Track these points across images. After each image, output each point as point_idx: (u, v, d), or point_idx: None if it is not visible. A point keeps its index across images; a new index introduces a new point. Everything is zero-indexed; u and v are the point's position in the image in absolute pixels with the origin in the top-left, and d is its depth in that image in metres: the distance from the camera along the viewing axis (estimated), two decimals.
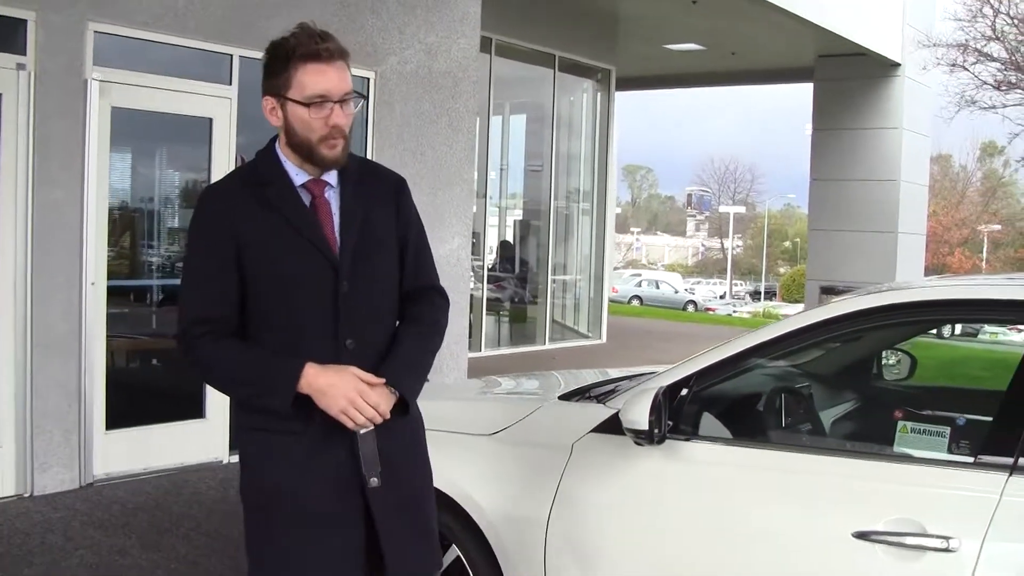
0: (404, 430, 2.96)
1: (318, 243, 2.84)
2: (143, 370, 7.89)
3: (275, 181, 2.88)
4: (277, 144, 2.93)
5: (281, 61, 2.83)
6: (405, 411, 2.90)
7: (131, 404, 7.34)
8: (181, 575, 5.43)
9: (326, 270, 2.83)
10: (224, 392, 3.02)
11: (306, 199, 2.89)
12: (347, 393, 2.74)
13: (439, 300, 3.11)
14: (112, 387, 7.08)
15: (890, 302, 3.54)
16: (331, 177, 2.93)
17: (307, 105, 2.80)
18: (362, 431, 2.80)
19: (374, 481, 2.82)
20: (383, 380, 2.81)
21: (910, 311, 3.60)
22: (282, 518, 2.87)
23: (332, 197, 2.93)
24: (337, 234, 2.88)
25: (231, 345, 2.85)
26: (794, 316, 3.75)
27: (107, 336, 7.05)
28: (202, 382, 7.45)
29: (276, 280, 2.83)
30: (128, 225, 7.59)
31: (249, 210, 2.84)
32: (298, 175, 2.90)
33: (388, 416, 2.81)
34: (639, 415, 3.39)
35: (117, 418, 7.11)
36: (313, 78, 2.80)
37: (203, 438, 7.59)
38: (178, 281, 7.91)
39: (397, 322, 3.02)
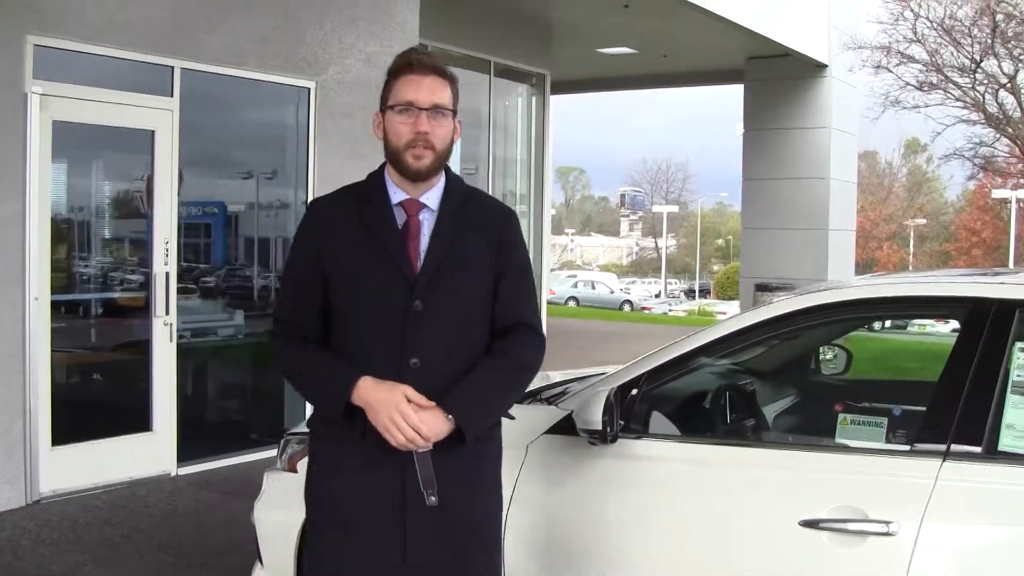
0: (461, 459, 2.93)
1: (398, 259, 2.91)
2: (88, 384, 7.85)
3: (375, 197, 2.99)
4: (386, 164, 3.03)
5: (387, 80, 2.98)
6: (462, 440, 2.89)
7: (77, 419, 7.31)
8: None
9: (402, 287, 2.90)
10: (295, 389, 3.13)
11: (400, 218, 2.97)
12: (389, 411, 2.80)
13: (531, 338, 3.08)
14: (57, 402, 7.05)
15: (829, 300, 3.71)
16: (431, 200, 3.00)
17: (396, 110, 2.92)
18: (419, 450, 2.82)
19: (433, 500, 2.83)
20: (433, 404, 2.84)
21: (848, 309, 3.78)
22: (328, 522, 2.99)
23: (427, 219, 2.99)
24: (422, 254, 2.94)
25: (306, 346, 2.99)
26: (738, 316, 3.90)
27: (51, 351, 7.02)
28: (147, 394, 7.54)
29: (354, 290, 2.92)
30: (71, 239, 7.57)
31: (344, 222, 2.97)
32: (396, 194, 2.99)
33: (430, 439, 2.83)
34: (593, 415, 3.50)
35: (63, 434, 7.08)
36: (404, 87, 2.93)
37: (151, 451, 7.58)
38: (122, 294, 7.89)
39: (479, 352, 3.01)
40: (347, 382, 2.86)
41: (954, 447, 3.11)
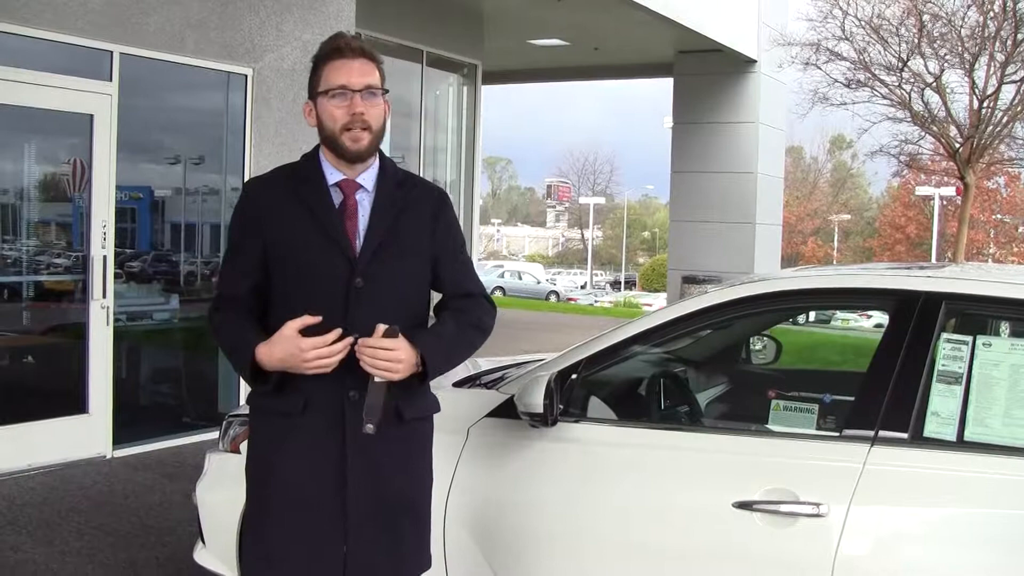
0: (404, 440, 3.06)
1: (337, 239, 2.97)
2: (23, 367, 7.81)
3: (311, 178, 3.04)
4: (320, 146, 3.08)
5: (315, 67, 3.03)
6: (423, 379, 2.99)
7: (11, 401, 7.28)
8: (78, 568, 5.47)
9: (343, 265, 2.96)
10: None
11: (337, 198, 3.03)
12: (300, 355, 2.85)
13: (485, 304, 3.22)
14: None
15: (762, 291, 3.84)
16: (367, 181, 3.06)
17: (330, 95, 2.96)
18: (376, 379, 2.85)
19: (369, 428, 2.82)
20: (318, 319, 2.87)
21: (780, 300, 3.91)
22: (268, 495, 3.02)
23: (364, 199, 3.05)
24: (361, 233, 3.00)
25: (233, 319, 3.03)
26: (672, 306, 4.00)
27: None
28: (83, 377, 7.52)
29: (294, 269, 2.97)
30: (5, 222, 7.53)
31: (281, 202, 3.01)
32: (333, 175, 3.04)
33: (399, 367, 2.87)
34: (534, 399, 3.60)
35: None
36: (335, 71, 2.96)
37: (86, 433, 7.56)
38: (58, 277, 7.84)
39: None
40: (248, 353, 2.92)
41: (882, 433, 3.26)
